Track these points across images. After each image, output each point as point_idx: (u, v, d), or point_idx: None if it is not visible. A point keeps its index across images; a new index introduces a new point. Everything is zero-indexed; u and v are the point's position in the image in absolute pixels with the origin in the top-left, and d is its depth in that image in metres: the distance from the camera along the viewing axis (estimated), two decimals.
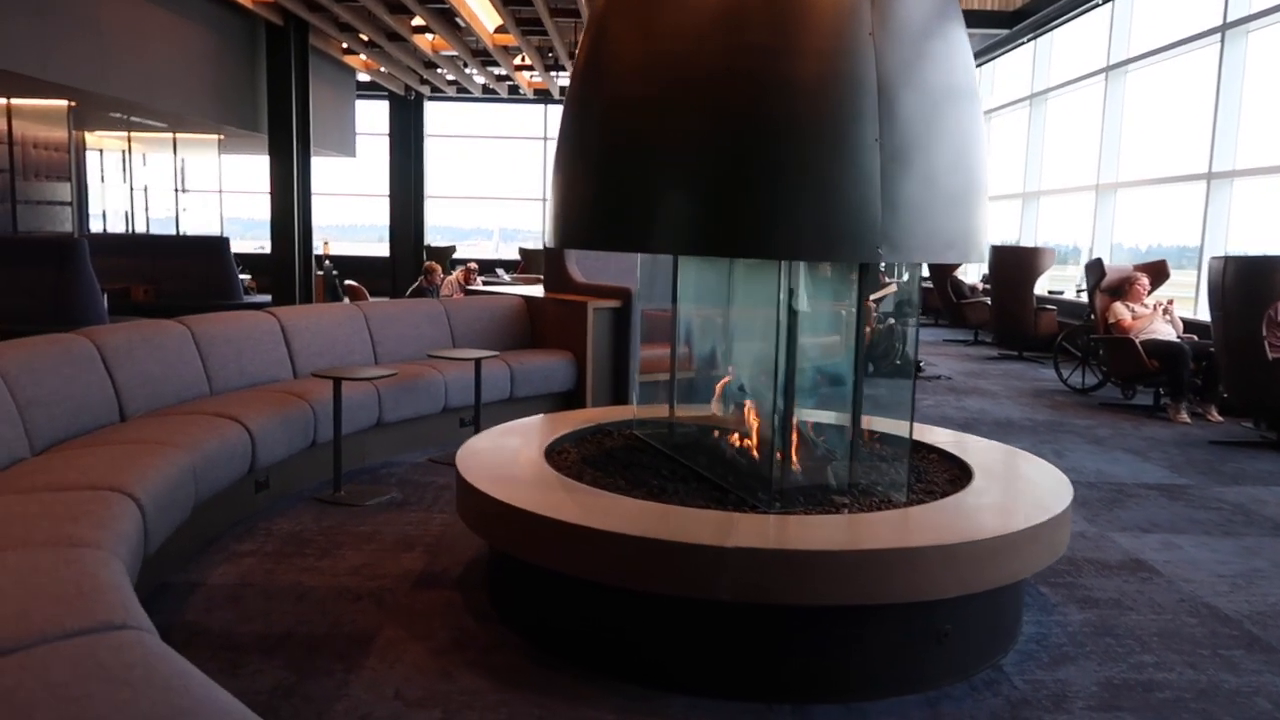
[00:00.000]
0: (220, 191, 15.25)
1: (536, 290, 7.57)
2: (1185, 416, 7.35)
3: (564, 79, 17.54)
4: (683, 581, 2.69)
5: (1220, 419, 7.38)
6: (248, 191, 17.62)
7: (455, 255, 19.08)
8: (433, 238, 19.99)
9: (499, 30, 13.51)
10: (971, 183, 3.06)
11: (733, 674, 2.80)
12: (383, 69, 16.50)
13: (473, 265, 12.49)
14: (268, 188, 13.16)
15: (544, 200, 20.22)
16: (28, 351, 3.72)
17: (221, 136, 13.82)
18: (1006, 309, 10.91)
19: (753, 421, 3.59)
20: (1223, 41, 8.89)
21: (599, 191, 3.25)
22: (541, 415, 4.45)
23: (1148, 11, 10.93)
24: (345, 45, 14.63)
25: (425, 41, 14.13)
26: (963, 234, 3.04)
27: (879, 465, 3.43)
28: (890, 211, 2.84)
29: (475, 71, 16.54)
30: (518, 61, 15.66)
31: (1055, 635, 3.29)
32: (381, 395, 5.23)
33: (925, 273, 13.08)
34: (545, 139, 19.95)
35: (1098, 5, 11.07)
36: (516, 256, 18.51)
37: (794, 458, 3.41)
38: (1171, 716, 2.76)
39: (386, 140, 19.23)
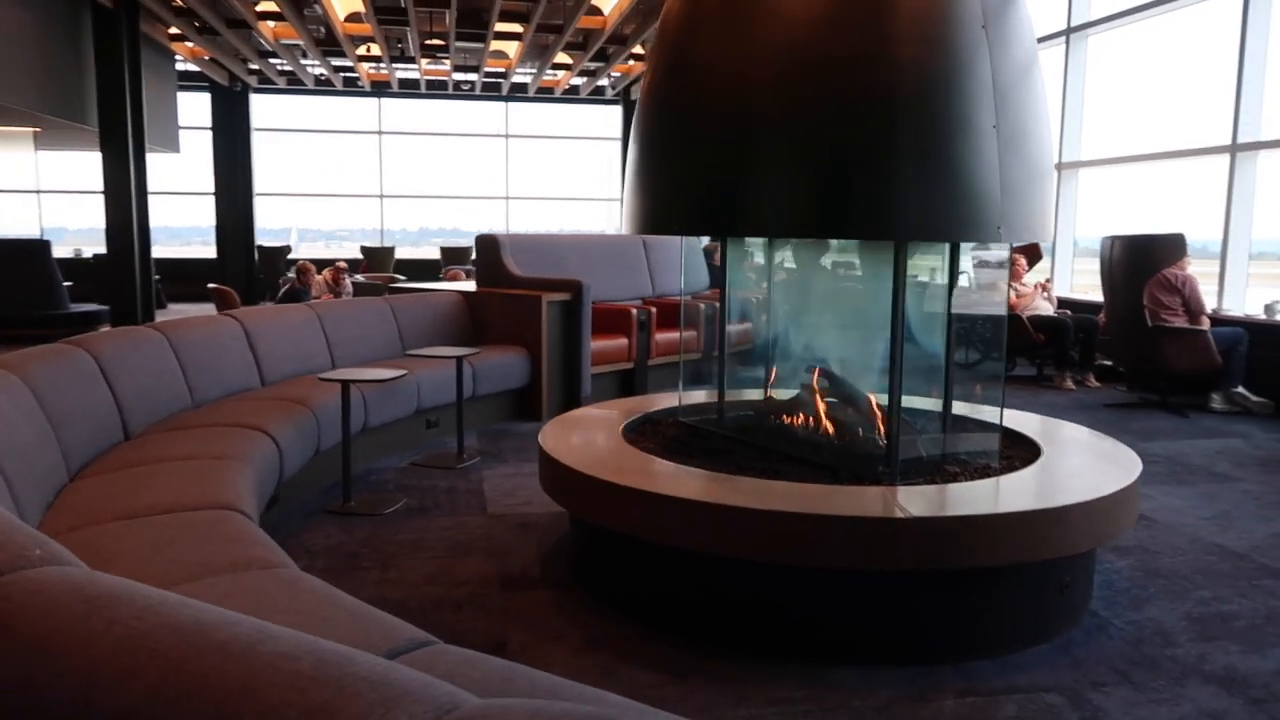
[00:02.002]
0: (39, 191, 13.71)
1: (469, 286, 7.37)
2: (1070, 384, 8.11)
3: (404, 71, 16.98)
4: (862, 554, 2.76)
5: (1098, 385, 8.20)
6: (64, 191, 15.90)
7: (290, 256, 18.11)
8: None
9: (351, 18, 12.94)
10: (1050, 158, 3.29)
11: (892, 641, 2.91)
12: (208, 57, 15.38)
13: (342, 264, 11.90)
14: (99, 186, 11.99)
15: (381, 196, 19.51)
16: (42, 363, 3.29)
17: (38, 130, 12.45)
18: None
19: (841, 402, 3.69)
20: (1068, 43, 9.83)
21: (701, 179, 3.26)
22: (581, 410, 4.36)
23: None
24: (173, 30, 13.54)
25: (267, 29, 13.30)
26: (1049, 211, 3.27)
27: (969, 437, 3.63)
28: (1006, 193, 3.02)
29: (314, 62, 15.72)
30: (362, 51, 15.03)
31: (1118, 581, 3.61)
32: (367, 399, 4.96)
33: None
34: (380, 133, 19.23)
35: None
36: (327, 255, 17.84)
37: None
38: (1262, 640, 3.10)
39: (208, 134, 17.92)
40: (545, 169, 20.16)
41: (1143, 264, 7.01)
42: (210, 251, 18.99)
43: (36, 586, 1.18)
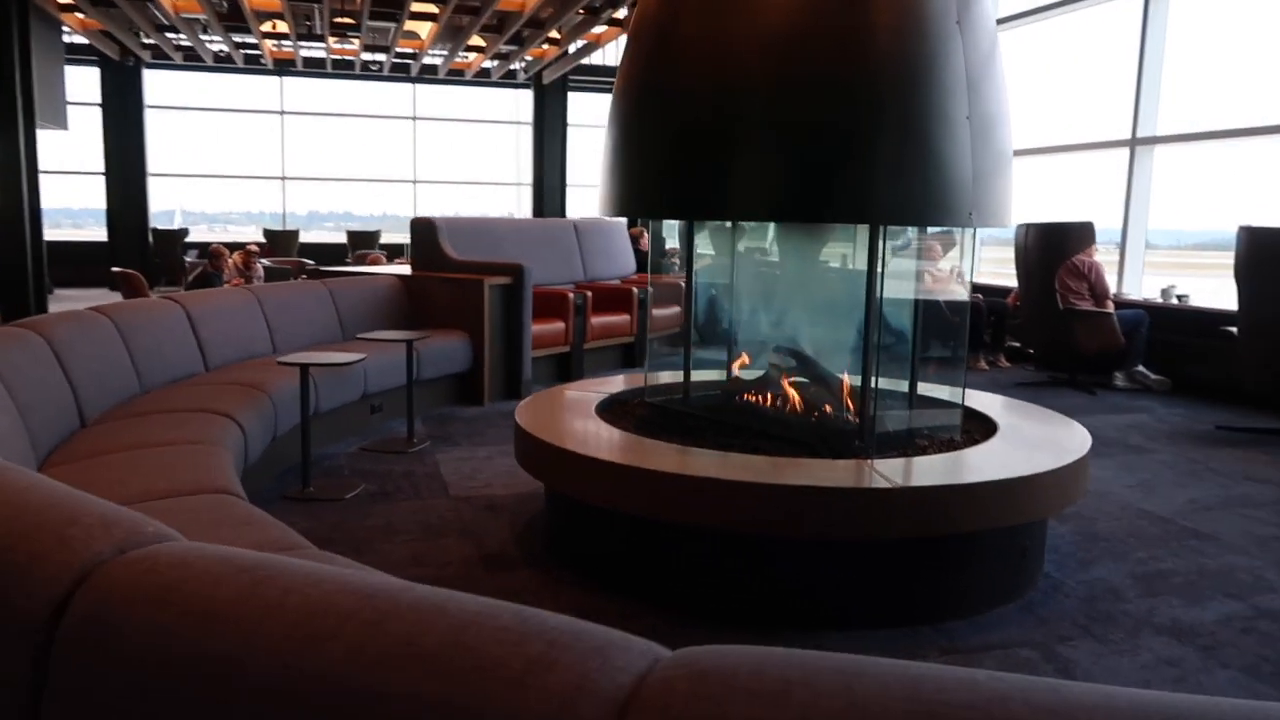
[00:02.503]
0: None
1: (404, 269, 7.28)
2: (984, 364, 8.52)
3: (310, 50, 16.49)
4: (854, 524, 2.89)
5: (1009, 365, 8.64)
6: None
7: (187, 240, 17.41)
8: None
9: None
10: (1010, 144, 3.47)
11: (877, 606, 3.06)
12: (100, 29, 14.60)
13: (253, 248, 11.53)
14: None
15: (283, 179, 18.91)
16: (3, 347, 3.15)
17: None
18: None
19: (811, 381, 3.83)
20: None
21: (681, 164, 3.33)
22: (547, 392, 4.38)
23: None
24: (64, 0, 12.82)
25: (167, 1, 12.73)
26: (1011, 197, 3.47)
27: (931, 413, 3.81)
28: (977, 180, 3.20)
29: (216, 37, 15.11)
30: (267, 28, 14.52)
31: (1064, 545, 3.86)
32: (317, 384, 4.87)
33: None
34: (283, 113, 18.61)
35: None
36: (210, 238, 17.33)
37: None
38: (1198, 594, 3.38)
39: (96, 111, 17.03)
40: (454, 153, 19.89)
41: (1055, 250, 7.40)
42: (96, 234, 18.13)
43: (179, 560, 1.19)
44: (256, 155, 18.87)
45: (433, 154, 19.54)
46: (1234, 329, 6.02)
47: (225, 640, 1.05)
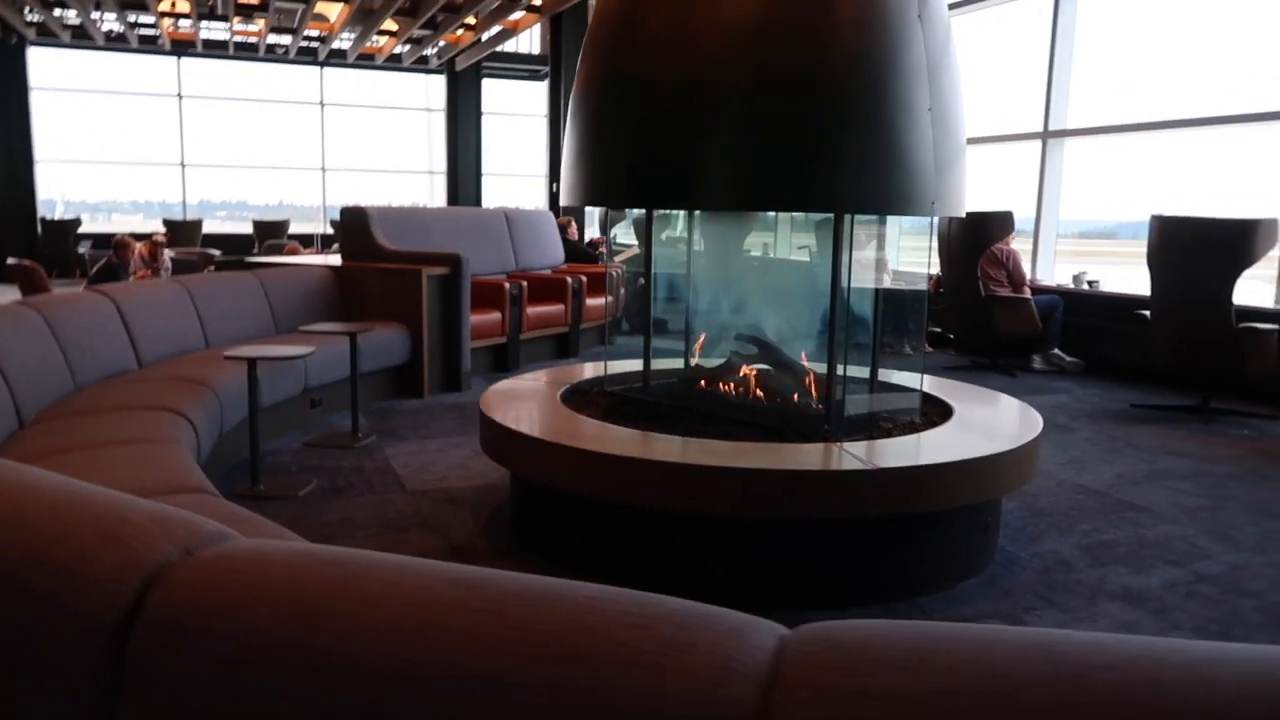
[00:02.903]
0: None
1: (334, 260, 7.09)
2: (908, 349, 8.76)
3: (211, 31, 15.87)
4: (831, 505, 2.96)
5: (931, 349, 8.92)
6: None
7: (81, 230, 16.58)
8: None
9: None
10: (964, 134, 3.58)
11: (851, 584, 3.14)
12: None
13: (159, 238, 11.06)
14: None
15: (182, 165, 18.16)
16: None
17: None
18: None
19: (775, 367, 3.88)
20: None
21: (646, 153, 3.34)
22: (507, 383, 4.33)
23: None
24: None
25: None
26: (965, 186, 3.58)
27: (890, 397, 3.91)
28: (939, 171, 3.29)
29: (109, 15, 14.40)
30: (165, 6, 13.93)
31: (1014, 521, 4.02)
32: (259, 379, 4.71)
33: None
34: (180, 96, 17.86)
35: None
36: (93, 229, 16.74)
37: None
38: (1143, 562, 3.57)
39: None
40: (363, 139, 19.42)
41: (976, 239, 7.66)
42: None
43: (256, 557, 1.15)
44: (150, 141, 18.06)
45: (341, 140, 19.04)
46: (1146, 313, 6.33)
47: (333, 634, 1.02)
